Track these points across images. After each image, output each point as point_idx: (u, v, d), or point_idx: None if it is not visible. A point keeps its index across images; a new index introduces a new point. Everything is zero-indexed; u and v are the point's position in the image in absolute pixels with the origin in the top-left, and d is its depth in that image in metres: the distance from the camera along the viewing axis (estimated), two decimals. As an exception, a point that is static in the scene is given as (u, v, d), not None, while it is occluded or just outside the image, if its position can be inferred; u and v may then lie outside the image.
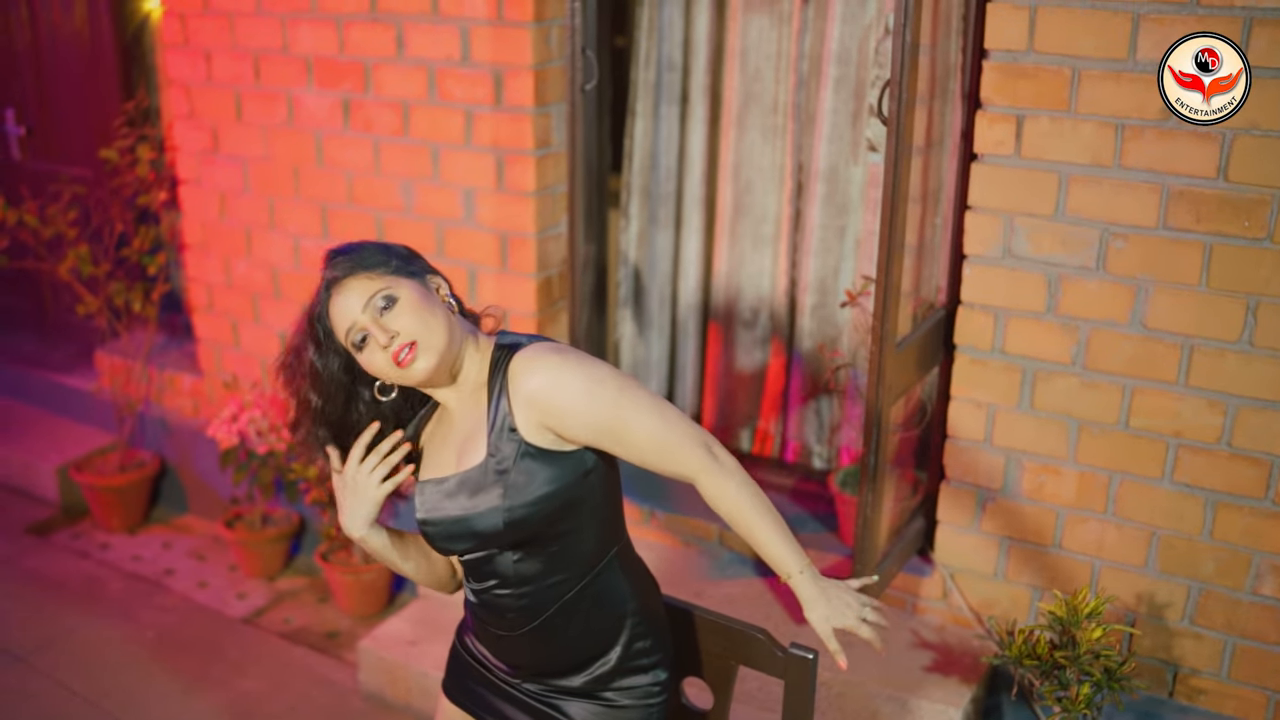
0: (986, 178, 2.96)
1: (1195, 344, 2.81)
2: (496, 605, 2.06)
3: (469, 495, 1.96)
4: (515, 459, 1.93)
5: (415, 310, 1.91)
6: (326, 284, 1.97)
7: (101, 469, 4.58)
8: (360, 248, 2.00)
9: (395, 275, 1.94)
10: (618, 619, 2.09)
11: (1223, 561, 2.92)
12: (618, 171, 3.93)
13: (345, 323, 1.93)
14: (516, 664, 2.16)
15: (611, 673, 2.11)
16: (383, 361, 1.91)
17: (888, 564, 3.14)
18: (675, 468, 1.96)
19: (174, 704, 3.56)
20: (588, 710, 2.12)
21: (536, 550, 2.00)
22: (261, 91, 3.96)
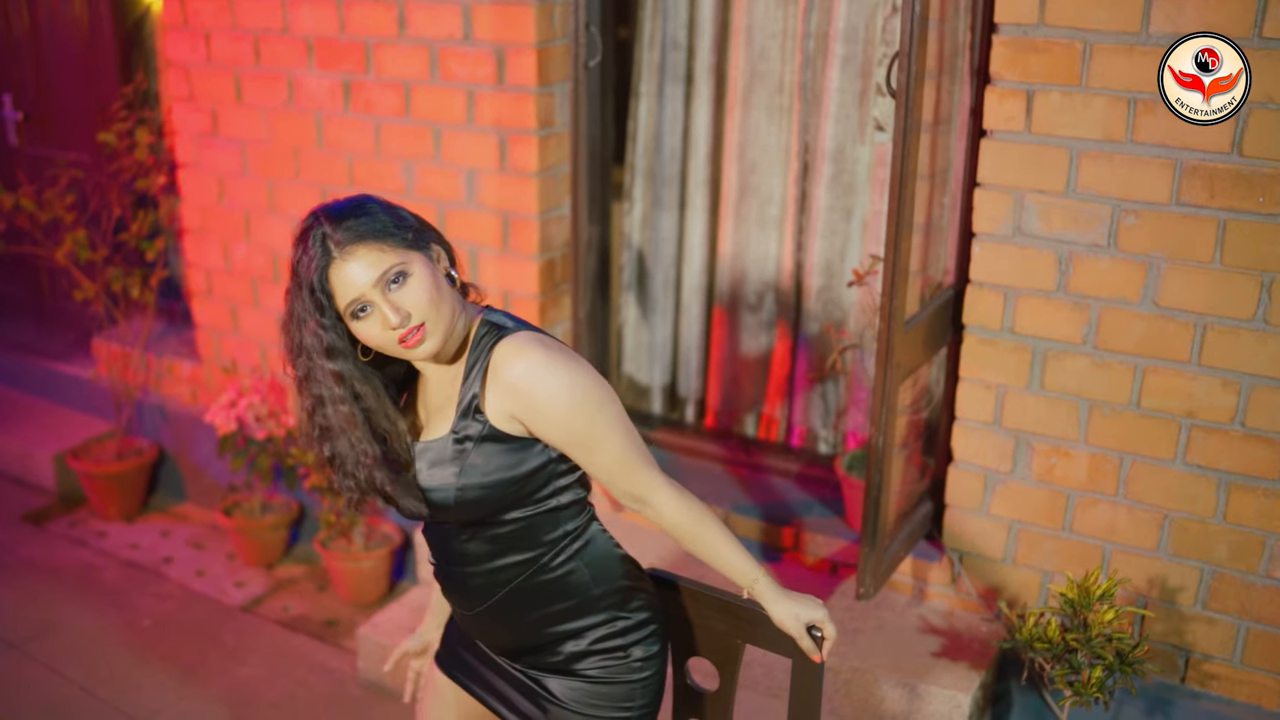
0: (996, 154, 2.91)
1: (1208, 322, 2.77)
2: (452, 580, 2.06)
3: (427, 466, 1.94)
4: (477, 440, 1.91)
5: (426, 289, 1.83)
6: (326, 245, 1.81)
7: (99, 456, 4.53)
8: (367, 209, 1.85)
9: (408, 249, 1.83)
10: (583, 604, 2.04)
11: (1236, 544, 2.87)
12: (622, 155, 3.88)
13: (350, 294, 1.80)
14: (489, 643, 2.14)
15: (586, 652, 2.06)
16: (382, 336, 1.83)
17: (895, 547, 3.09)
18: (630, 487, 1.97)
19: (170, 691, 3.52)
20: (567, 686, 2.08)
21: (484, 532, 1.98)
22: (261, 72, 3.92)
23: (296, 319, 1.86)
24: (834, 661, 3.10)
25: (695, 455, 3.80)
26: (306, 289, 1.83)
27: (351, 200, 1.88)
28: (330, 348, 1.84)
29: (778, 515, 3.47)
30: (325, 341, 1.84)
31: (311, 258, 1.82)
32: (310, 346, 1.85)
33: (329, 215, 1.84)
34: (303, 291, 1.84)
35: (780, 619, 2.02)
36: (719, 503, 3.54)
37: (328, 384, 1.87)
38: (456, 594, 2.07)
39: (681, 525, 2.01)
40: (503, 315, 1.97)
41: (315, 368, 1.86)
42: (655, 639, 2.11)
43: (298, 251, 1.85)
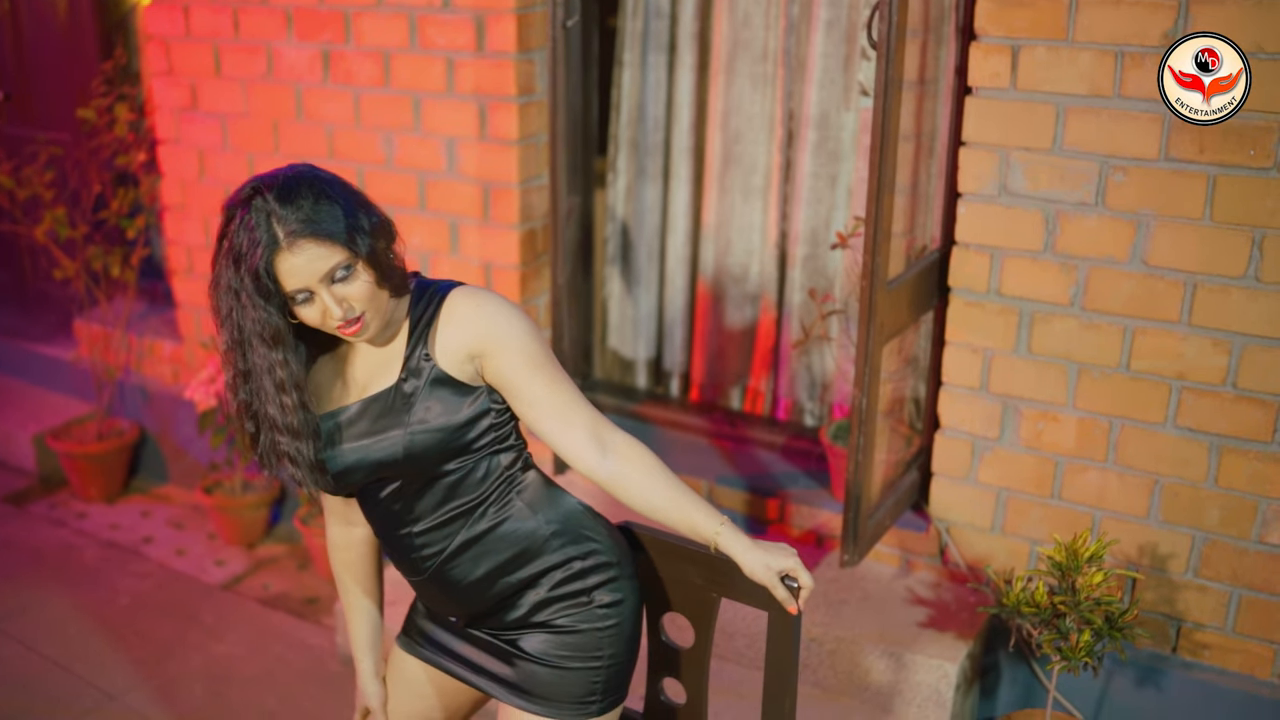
0: (981, 112, 2.86)
1: (1198, 280, 2.71)
2: (401, 548, 2.01)
3: (372, 420, 1.91)
4: (425, 384, 1.90)
5: (369, 283, 1.82)
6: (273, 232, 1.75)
7: (80, 437, 4.48)
8: (320, 198, 1.78)
9: (351, 245, 1.79)
10: (532, 548, 1.99)
11: (1228, 509, 2.81)
12: (606, 126, 3.83)
13: (295, 283, 1.77)
14: (451, 611, 2.08)
15: (547, 600, 2.01)
16: (322, 322, 1.82)
17: (880, 515, 3.03)
18: (584, 422, 1.93)
19: (147, 668, 3.46)
20: (538, 640, 2.02)
21: (428, 485, 1.95)
22: (240, 44, 3.87)
23: (232, 293, 1.79)
24: (818, 632, 3.05)
25: (680, 429, 3.74)
26: (250, 274, 1.76)
27: (297, 177, 1.80)
28: (275, 335, 1.80)
29: (762, 487, 3.42)
30: (270, 329, 1.79)
31: (256, 241, 1.75)
32: (251, 332, 1.80)
33: (276, 193, 1.77)
34: (241, 273, 1.77)
35: (751, 569, 1.94)
36: (703, 475, 3.48)
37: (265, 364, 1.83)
38: (406, 560, 2.02)
39: (637, 470, 1.93)
40: (435, 280, 1.98)
41: (255, 352, 1.82)
42: (618, 586, 2.04)
43: (236, 224, 1.77)
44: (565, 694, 2.01)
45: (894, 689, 2.99)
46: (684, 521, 1.96)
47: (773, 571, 1.94)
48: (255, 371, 1.84)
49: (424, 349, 1.90)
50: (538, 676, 2.02)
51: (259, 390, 1.86)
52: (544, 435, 1.95)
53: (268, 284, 1.76)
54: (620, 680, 2.06)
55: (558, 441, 1.95)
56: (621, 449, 1.94)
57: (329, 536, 2.20)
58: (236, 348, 1.84)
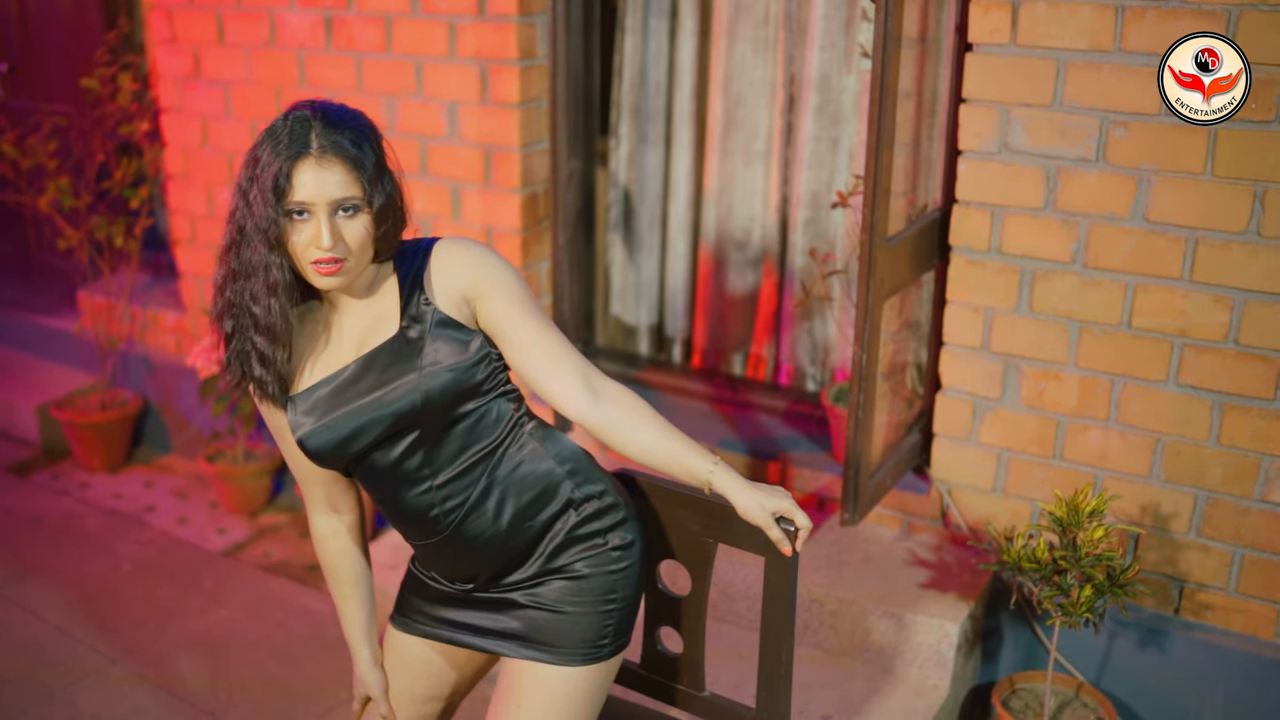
0: (981, 68, 2.85)
1: (1200, 236, 2.70)
2: (418, 509, 1.97)
3: (381, 371, 1.90)
4: (429, 328, 1.90)
5: (365, 234, 1.83)
6: (307, 138, 1.78)
7: (83, 408, 4.49)
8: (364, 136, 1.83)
9: (370, 190, 1.82)
10: (550, 488, 1.99)
11: (1230, 467, 2.80)
12: (609, 92, 3.83)
13: (303, 194, 1.78)
14: (468, 573, 2.04)
15: (565, 543, 2.00)
16: (304, 250, 1.81)
17: (881, 475, 3.02)
18: (573, 366, 1.94)
19: (149, 632, 3.47)
20: (554, 588, 2.00)
21: (446, 432, 1.93)
22: (243, 12, 3.87)
23: (248, 184, 1.81)
24: (820, 593, 3.04)
25: (682, 395, 3.73)
26: (271, 169, 1.77)
27: (351, 112, 1.85)
28: (277, 238, 1.80)
29: (764, 451, 3.41)
30: (275, 230, 1.79)
31: (290, 140, 1.78)
32: (254, 229, 1.80)
33: (326, 115, 1.82)
34: (263, 166, 1.78)
35: (745, 509, 1.93)
36: (705, 440, 3.46)
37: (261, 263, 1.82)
38: (424, 521, 1.97)
39: (629, 414, 1.93)
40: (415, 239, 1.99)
41: (253, 250, 1.81)
42: (628, 528, 2.04)
43: (280, 121, 1.81)
44: (578, 639, 1.99)
45: (895, 650, 2.98)
46: (677, 464, 1.95)
47: (767, 512, 1.93)
48: (248, 270, 1.83)
49: (423, 295, 1.91)
50: (550, 624, 1.99)
51: (248, 290, 1.84)
52: (534, 381, 1.95)
53: (283, 184, 1.77)
54: (629, 623, 2.06)
55: (549, 386, 1.94)
56: (613, 394, 1.96)
57: (315, 529, 2.14)
58: (234, 246, 1.84)
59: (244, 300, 1.85)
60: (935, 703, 2.91)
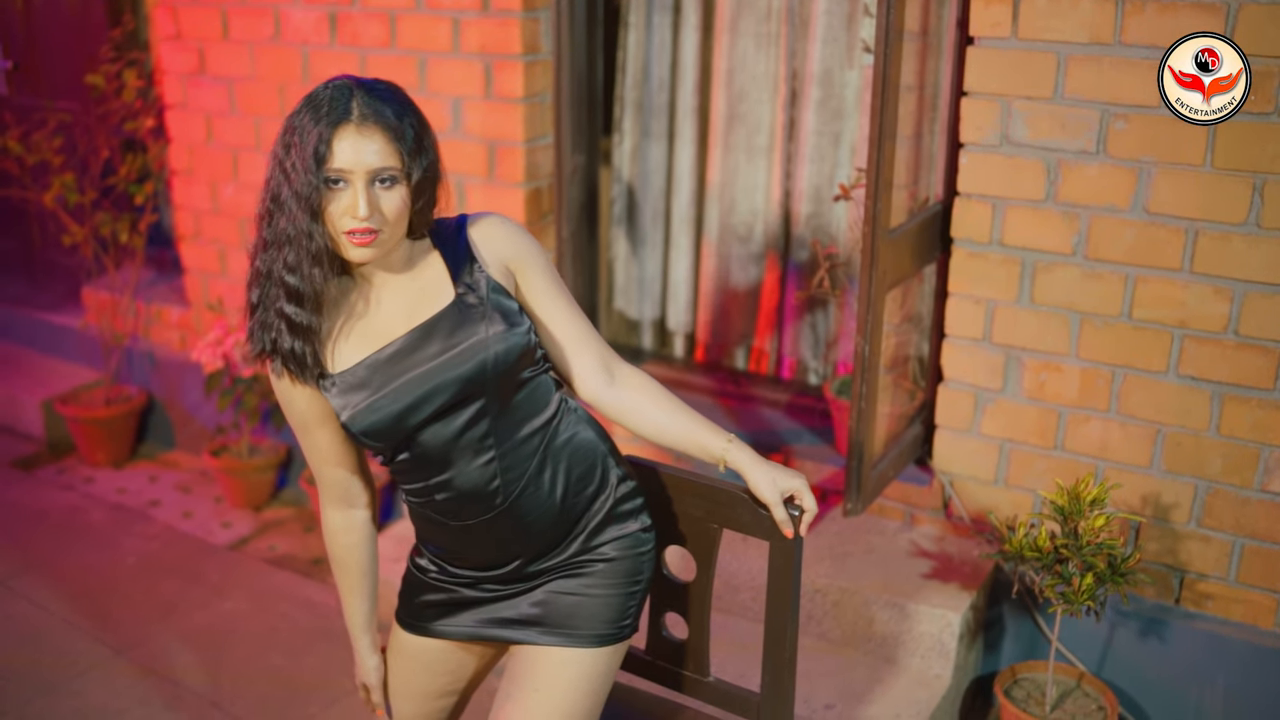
0: (983, 61, 2.87)
1: (1200, 227, 2.72)
2: (477, 485, 1.91)
3: (445, 338, 1.85)
4: (486, 294, 1.88)
5: (401, 207, 1.80)
6: (349, 105, 1.76)
7: (87, 403, 4.51)
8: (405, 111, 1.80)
9: (409, 161, 1.80)
10: (594, 465, 2.00)
11: (1230, 458, 2.81)
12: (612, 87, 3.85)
13: (341, 162, 1.75)
14: (511, 555, 1.98)
15: (602, 523, 2.01)
16: (339, 219, 1.77)
17: (883, 466, 3.04)
18: (598, 348, 1.99)
19: (153, 625, 3.48)
20: (583, 572, 2.00)
21: (509, 400, 1.91)
22: (248, 7, 3.89)
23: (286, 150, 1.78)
24: (823, 583, 3.06)
25: (685, 389, 3.75)
26: (312, 135, 1.75)
27: (394, 87, 1.83)
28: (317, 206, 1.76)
29: (767, 444, 3.43)
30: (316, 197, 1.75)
31: (331, 107, 1.76)
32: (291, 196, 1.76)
33: (369, 86, 1.80)
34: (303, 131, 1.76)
35: (757, 483, 1.95)
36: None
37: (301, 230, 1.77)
38: (478, 498, 1.92)
39: (645, 395, 2.00)
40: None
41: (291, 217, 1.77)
42: (646, 512, 2.07)
43: (321, 89, 1.78)
44: (602, 620, 1.99)
45: (898, 640, 3.00)
46: (692, 441, 1.99)
47: (777, 489, 1.95)
48: (282, 239, 1.79)
49: (476, 264, 1.90)
50: (575, 608, 1.99)
51: (281, 258, 1.79)
52: (557, 358, 1.98)
53: (323, 151, 1.74)
54: (643, 604, 2.08)
55: (571, 365, 1.99)
56: (629, 377, 2.02)
57: (328, 523, 2.09)
58: (268, 215, 1.80)
59: (276, 269, 1.80)
60: (938, 692, 2.92)
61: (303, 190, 1.76)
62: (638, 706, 2.29)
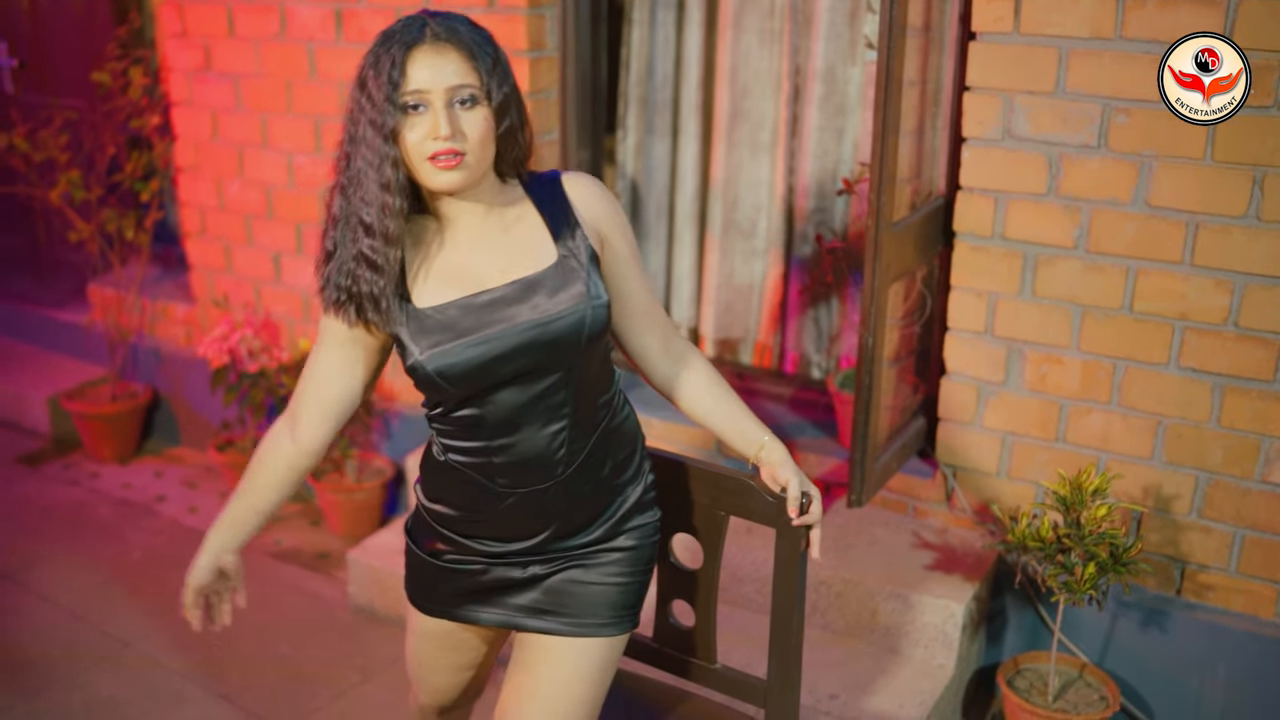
0: (985, 56, 2.89)
1: (1200, 220, 2.74)
2: (543, 451, 1.88)
3: (547, 296, 1.82)
4: (586, 261, 1.86)
5: (484, 129, 1.75)
6: (422, 30, 1.72)
7: (93, 399, 4.53)
8: (480, 29, 1.77)
9: (487, 79, 1.74)
10: (635, 449, 2.03)
11: (1231, 449, 2.84)
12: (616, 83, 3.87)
13: (418, 83, 1.70)
14: (539, 528, 1.95)
15: (630, 511, 2.02)
16: (420, 145, 1.73)
17: (886, 458, 3.06)
18: (665, 322, 2.01)
19: (158, 617, 3.50)
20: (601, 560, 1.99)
21: (588, 370, 1.89)
22: (253, 4, 3.92)
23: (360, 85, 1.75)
24: (827, 575, 3.08)
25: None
26: (385, 63, 1.71)
27: (465, 17, 1.80)
28: (392, 131, 1.72)
29: (770, 437, 3.45)
30: (390, 123, 1.71)
31: (404, 32, 1.73)
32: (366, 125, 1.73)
33: (438, 13, 1.77)
34: (377, 58, 1.72)
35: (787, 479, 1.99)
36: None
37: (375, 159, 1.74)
38: (542, 464, 1.89)
39: (699, 375, 2.04)
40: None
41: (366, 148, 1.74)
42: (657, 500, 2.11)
43: (392, 25, 1.75)
44: (616, 606, 2.00)
45: (901, 630, 3.02)
46: (735, 429, 2.04)
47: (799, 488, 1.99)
48: (359, 179, 1.75)
49: (579, 229, 1.87)
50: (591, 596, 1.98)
51: (358, 195, 1.76)
52: (625, 330, 1.99)
53: (397, 76, 1.70)
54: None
55: (635, 339, 2.01)
56: (687, 355, 2.05)
57: (271, 434, 1.96)
58: (345, 157, 1.77)
59: (354, 207, 1.76)
60: (941, 682, 2.95)
61: (378, 118, 1.72)
62: (646, 694, 2.31)
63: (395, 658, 3.29)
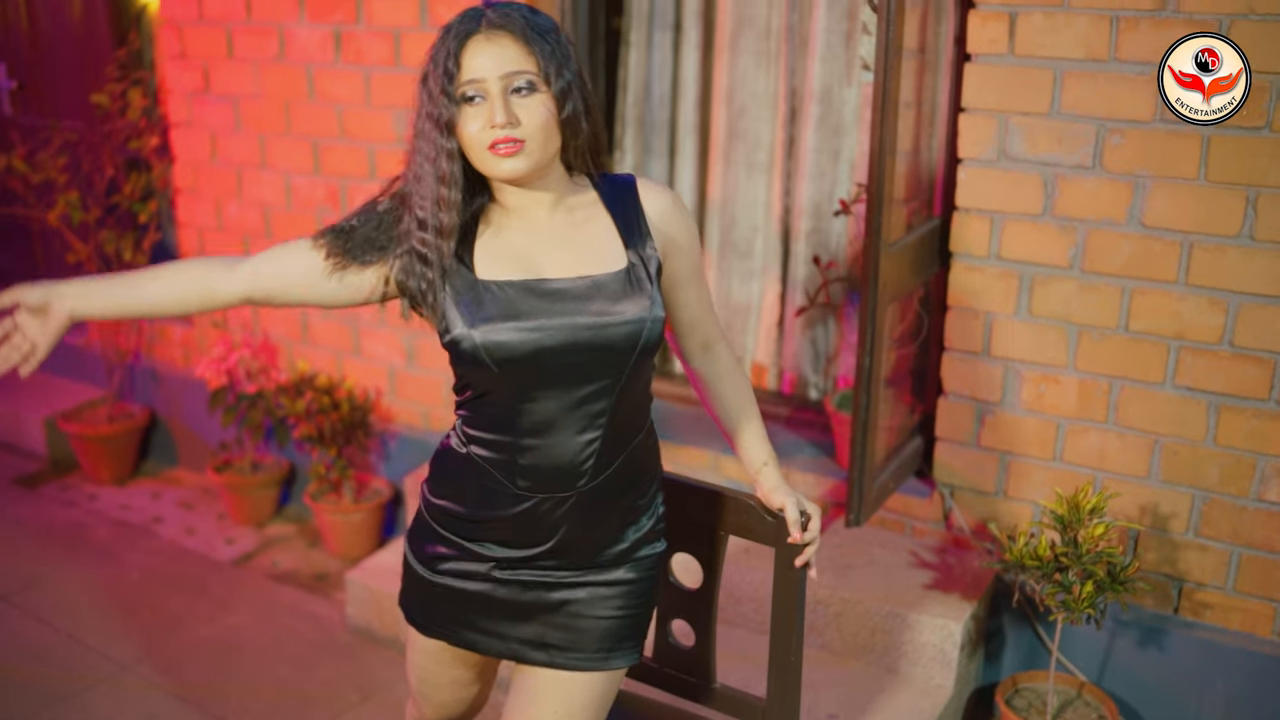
0: (980, 78, 2.92)
1: (1195, 240, 2.76)
2: (569, 457, 1.84)
3: (609, 300, 1.79)
4: (653, 273, 1.84)
5: (544, 116, 1.73)
6: (477, 20, 1.72)
7: (90, 420, 4.53)
8: (539, 14, 1.76)
9: (544, 64, 1.72)
10: (654, 480, 2.00)
11: (1227, 468, 2.85)
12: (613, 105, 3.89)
13: (472, 73, 1.70)
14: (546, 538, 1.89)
15: (639, 543, 1.97)
16: (479, 134, 1.72)
17: (884, 478, 3.07)
18: (713, 324, 2.03)
19: (158, 639, 3.50)
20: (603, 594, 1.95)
21: (631, 383, 1.85)
22: (253, 26, 3.94)
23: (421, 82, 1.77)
24: (825, 594, 3.08)
25: (686, 403, 3.78)
26: (440, 55, 1.73)
27: (525, 5, 1.79)
28: (449, 124, 1.72)
29: (768, 457, 3.45)
30: (446, 115, 1.72)
31: (460, 24, 1.74)
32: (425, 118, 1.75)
33: (497, 4, 1.77)
34: (434, 53, 1.74)
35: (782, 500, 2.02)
36: (709, 447, 3.52)
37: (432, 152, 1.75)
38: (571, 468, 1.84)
39: (728, 378, 2.06)
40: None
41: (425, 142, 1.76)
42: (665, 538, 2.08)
43: (450, 21, 1.76)
44: (624, 639, 1.97)
45: (900, 650, 3.03)
46: (742, 441, 2.08)
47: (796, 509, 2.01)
48: (418, 174, 1.76)
49: (650, 240, 1.85)
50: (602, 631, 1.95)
51: (418, 190, 1.76)
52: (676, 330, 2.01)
53: (453, 68, 1.70)
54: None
55: (683, 342, 2.03)
56: (722, 356, 2.06)
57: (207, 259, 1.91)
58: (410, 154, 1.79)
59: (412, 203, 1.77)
60: (940, 702, 2.95)
61: (434, 111, 1.73)
62: (646, 714, 2.31)
63: (394, 679, 3.29)
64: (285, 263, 1.86)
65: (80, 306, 1.82)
